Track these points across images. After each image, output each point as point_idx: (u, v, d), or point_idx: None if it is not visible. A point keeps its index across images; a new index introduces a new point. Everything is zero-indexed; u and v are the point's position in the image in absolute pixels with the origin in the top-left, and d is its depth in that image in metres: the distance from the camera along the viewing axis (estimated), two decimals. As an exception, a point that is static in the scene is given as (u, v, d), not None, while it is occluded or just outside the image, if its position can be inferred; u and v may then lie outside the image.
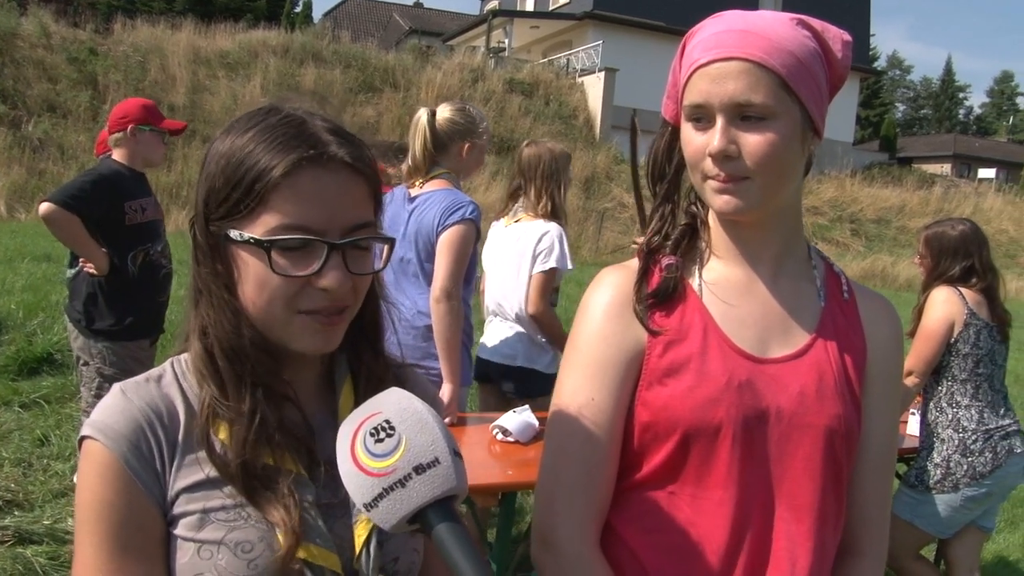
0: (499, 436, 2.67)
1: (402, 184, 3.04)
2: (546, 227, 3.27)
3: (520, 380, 3.30)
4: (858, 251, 20.61)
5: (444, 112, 2.93)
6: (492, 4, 33.34)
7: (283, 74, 18.27)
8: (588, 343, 1.15)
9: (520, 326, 3.33)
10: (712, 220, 1.17)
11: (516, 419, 2.67)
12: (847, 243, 21.35)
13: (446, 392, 2.76)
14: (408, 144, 2.99)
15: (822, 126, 1.09)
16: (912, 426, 3.28)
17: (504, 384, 3.35)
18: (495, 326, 3.43)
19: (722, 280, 1.15)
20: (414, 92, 19.30)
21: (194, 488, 0.89)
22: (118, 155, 3.54)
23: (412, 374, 1.12)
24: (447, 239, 2.78)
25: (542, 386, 3.20)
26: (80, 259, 3.49)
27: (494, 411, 3.05)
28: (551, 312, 3.29)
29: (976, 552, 3.16)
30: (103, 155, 3.76)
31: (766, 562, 1.09)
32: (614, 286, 1.16)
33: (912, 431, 3.26)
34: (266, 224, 0.87)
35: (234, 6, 28.77)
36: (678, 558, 1.10)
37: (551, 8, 29.56)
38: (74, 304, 3.52)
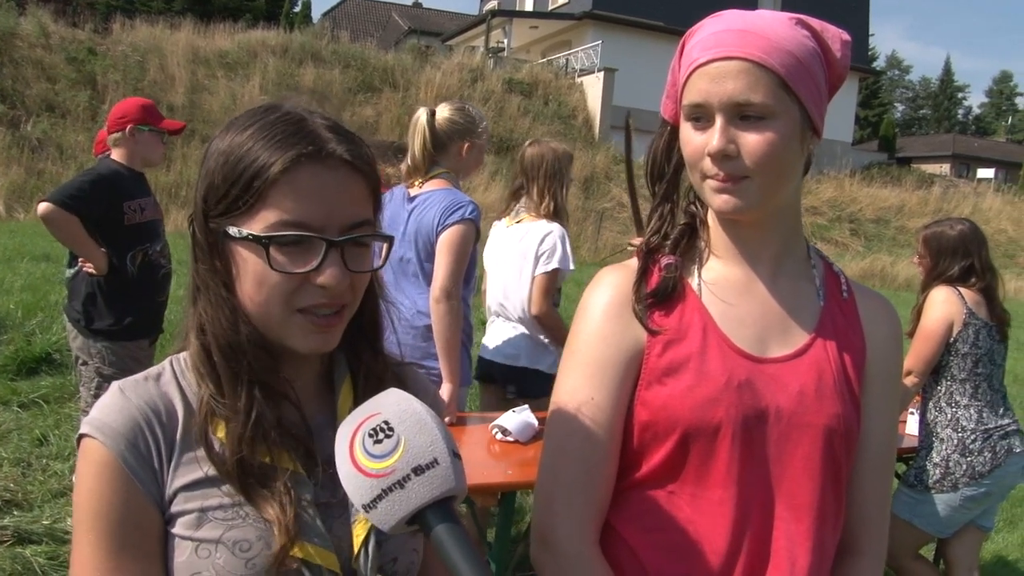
0: (498, 436, 2.67)
1: (401, 184, 3.04)
2: (549, 228, 3.27)
3: (523, 380, 3.30)
4: (857, 251, 20.61)
5: (443, 112, 2.93)
6: (491, 4, 33.32)
7: (282, 74, 18.26)
8: (587, 343, 1.15)
9: (523, 326, 3.32)
10: (711, 220, 1.17)
11: (515, 419, 2.67)
12: (846, 243, 21.35)
13: (445, 392, 2.76)
14: (407, 144, 2.99)
15: (821, 125, 1.09)
16: (911, 426, 3.28)
17: (508, 385, 3.35)
18: (497, 326, 3.43)
19: (721, 280, 1.15)
20: (413, 92, 19.29)
21: (192, 487, 0.89)
22: (117, 155, 3.54)
23: (412, 373, 1.12)
24: (447, 239, 2.78)
25: (545, 386, 3.19)
26: (79, 259, 3.49)
27: (495, 411, 3.05)
28: (554, 312, 3.29)
29: (975, 551, 3.16)
30: (102, 155, 3.76)
31: (766, 561, 1.09)
32: (613, 286, 1.16)
33: (911, 431, 3.26)
34: (265, 221, 0.87)
35: (233, 6, 28.74)
36: (678, 557, 1.10)
37: (550, 8, 29.54)
38: (73, 304, 3.51)
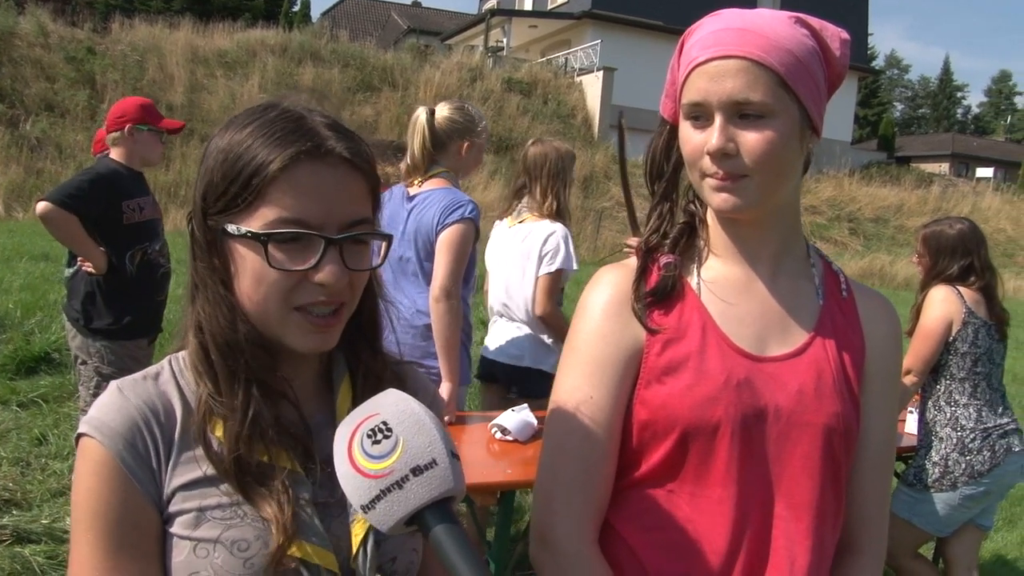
0: (498, 435, 2.66)
1: (400, 183, 3.04)
2: (552, 228, 3.27)
3: (527, 380, 3.29)
4: (856, 250, 20.61)
5: (443, 111, 2.93)
6: (490, 3, 33.32)
7: (281, 73, 18.26)
8: (587, 341, 1.15)
9: (527, 327, 3.32)
10: (710, 218, 1.17)
11: (515, 418, 2.67)
12: (845, 242, 21.36)
13: (445, 391, 2.76)
14: (406, 143, 2.99)
15: (820, 124, 1.09)
16: (910, 425, 3.28)
17: (511, 386, 3.33)
18: (500, 326, 3.42)
19: (720, 279, 1.15)
20: (412, 91, 19.28)
21: (190, 486, 0.89)
22: (116, 154, 3.54)
23: (411, 371, 1.12)
24: (446, 238, 2.78)
25: (548, 387, 3.18)
26: (78, 258, 3.49)
27: (497, 411, 3.04)
28: (558, 313, 3.29)
29: (974, 550, 3.16)
30: (100, 154, 3.76)
31: (765, 560, 1.09)
32: (612, 284, 1.16)
33: (910, 429, 3.26)
34: (263, 218, 0.87)
35: (232, 5, 28.74)
36: (677, 556, 1.10)
37: (549, 7, 29.52)
38: (72, 303, 3.51)
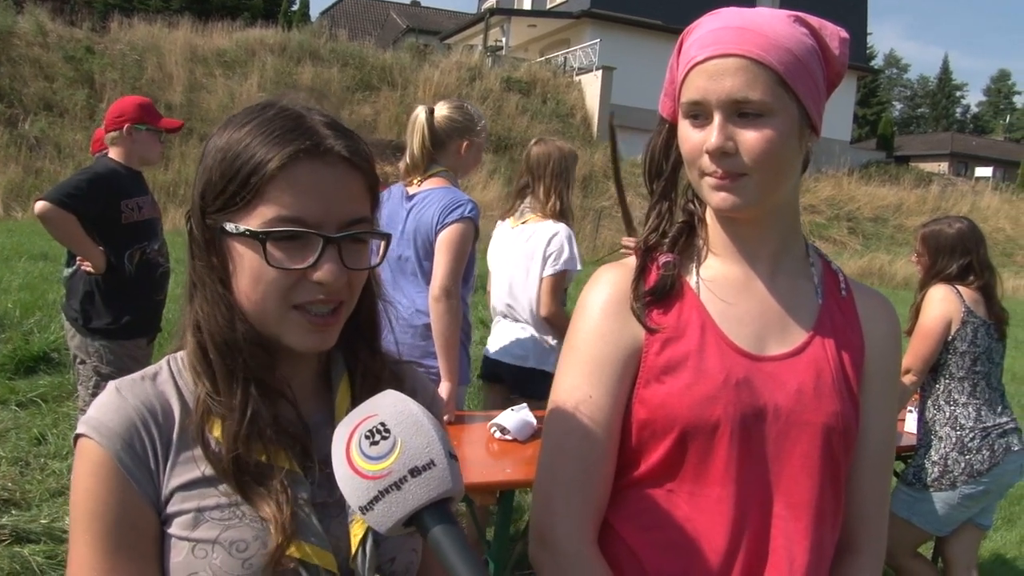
0: (497, 434, 2.66)
1: (399, 182, 3.03)
2: (555, 228, 3.26)
3: (530, 381, 3.28)
4: (855, 249, 20.62)
5: (442, 110, 2.92)
6: (489, 3, 33.32)
7: (280, 72, 18.25)
8: (586, 341, 1.15)
9: (531, 327, 3.31)
10: (709, 217, 1.17)
11: (514, 417, 2.67)
12: (844, 241, 21.36)
13: (444, 390, 2.76)
14: (405, 142, 2.99)
15: (819, 123, 1.09)
16: (910, 424, 3.28)
17: (515, 387, 3.32)
18: (504, 327, 3.42)
19: (720, 278, 1.15)
20: (411, 91, 19.28)
21: (189, 486, 0.89)
22: (114, 153, 3.53)
23: (411, 371, 1.11)
24: (446, 237, 2.78)
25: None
26: (77, 258, 3.49)
27: (499, 411, 3.04)
28: (563, 313, 3.28)
29: (974, 550, 3.16)
30: (99, 153, 3.75)
31: (764, 560, 1.09)
32: (612, 284, 1.16)
33: (910, 429, 3.26)
34: (262, 216, 0.87)
35: (231, 4, 28.72)
36: (676, 556, 1.09)
37: (548, 7, 29.52)
38: (71, 303, 3.51)
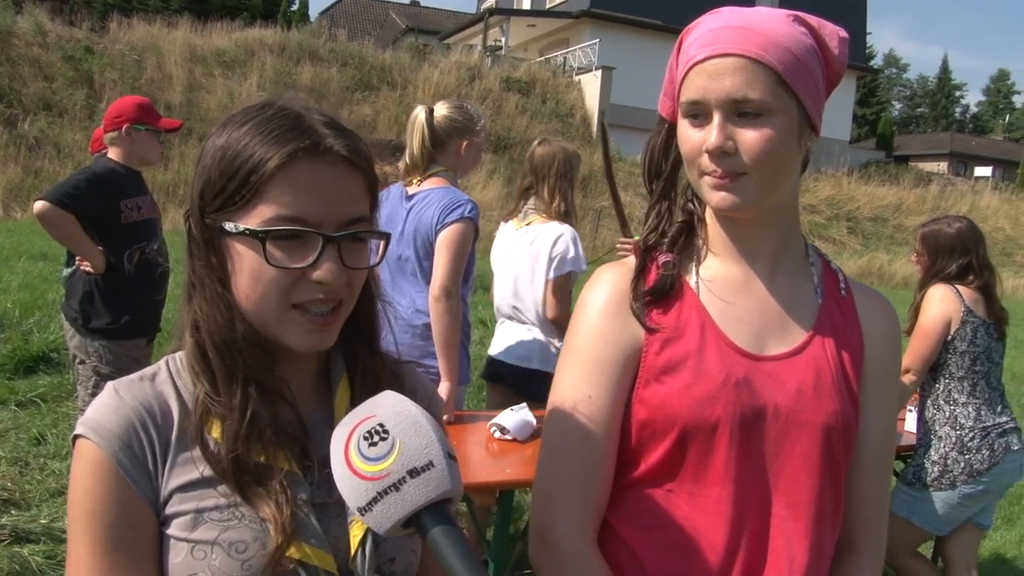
0: (497, 434, 2.66)
1: (398, 182, 3.03)
2: (560, 229, 3.26)
3: (534, 382, 3.27)
4: (855, 249, 20.62)
5: (442, 110, 2.92)
6: (489, 2, 33.31)
7: (279, 72, 18.24)
8: (585, 340, 1.15)
9: (537, 329, 3.31)
10: (709, 217, 1.17)
11: (514, 417, 2.67)
12: (844, 241, 21.37)
13: (444, 390, 2.75)
14: (405, 142, 2.98)
15: (819, 122, 1.09)
16: (909, 423, 3.28)
17: (518, 387, 3.30)
18: (508, 328, 3.41)
19: (719, 277, 1.15)
20: (411, 90, 19.27)
21: (187, 487, 0.88)
22: (113, 153, 3.53)
23: (410, 371, 1.11)
24: (446, 237, 2.77)
25: None
26: (76, 258, 3.48)
27: (500, 410, 3.03)
28: (570, 315, 3.26)
29: (973, 549, 3.16)
30: (98, 153, 3.75)
31: (764, 559, 1.09)
32: (611, 283, 1.16)
33: (909, 428, 3.26)
34: (261, 215, 0.87)
35: (230, 4, 28.72)
36: (676, 556, 1.09)
37: (548, 6, 29.51)
38: (70, 303, 3.51)
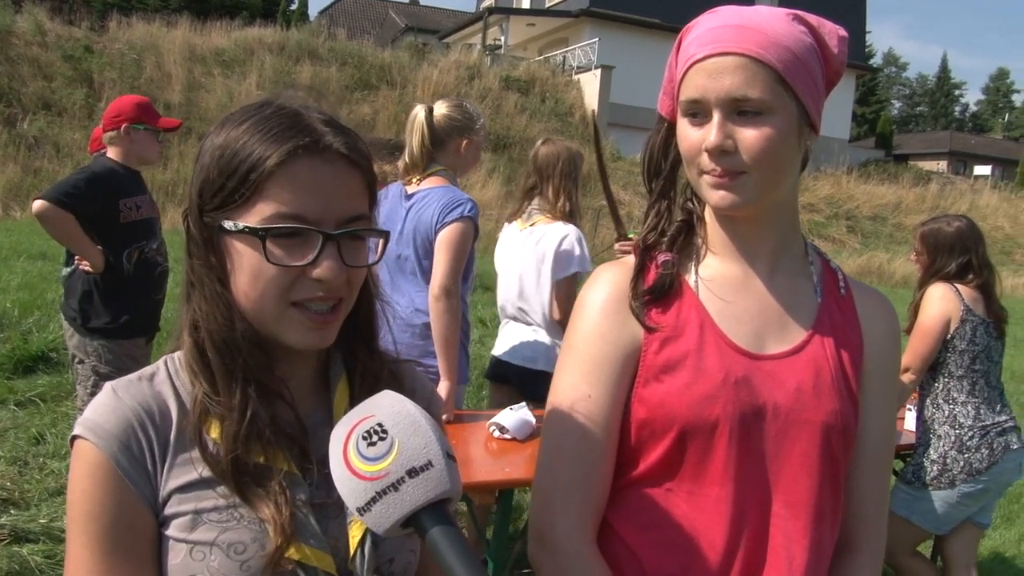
0: (496, 433, 2.66)
1: (397, 181, 3.03)
2: (565, 230, 3.25)
3: (538, 383, 3.26)
4: (854, 248, 20.61)
5: (441, 109, 2.92)
6: (488, 2, 33.28)
7: (279, 72, 18.21)
8: (585, 340, 1.15)
9: (543, 330, 3.30)
10: (708, 216, 1.17)
11: (513, 416, 2.67)
12: (843, 240, 21.36)
13: (443, 389, 2.75)
14: (404, 141, 2.98)
15: (818, 121, 1.08)
16: (909, 422, 3.28)
17: (523, 388, 3.28)
18: (512, 329, 3.40)
19: (718, 276, 1.15)
20: (410, 90, 19.25)
21: (186, 488, 0.88)
22: (112, 153, 3.53)
23: (409, 370, 1.11)
24: (446, 236, 2.77)
25: None
26: (76, 257, 3.48)
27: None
28: None
29: (973, 548, 3.16)
30: (97, 152, 3.75)
31: (763, 559, 1.09)
32: (610, 283, 1.16)
33: (909, 427, 3.27)
34: (261, 213, 0.86)
35: (229, 3, 28.69)
36: (675, 555, 1.09)
37: (547, 5, 29.50)
38: (70, 302, 3.50)
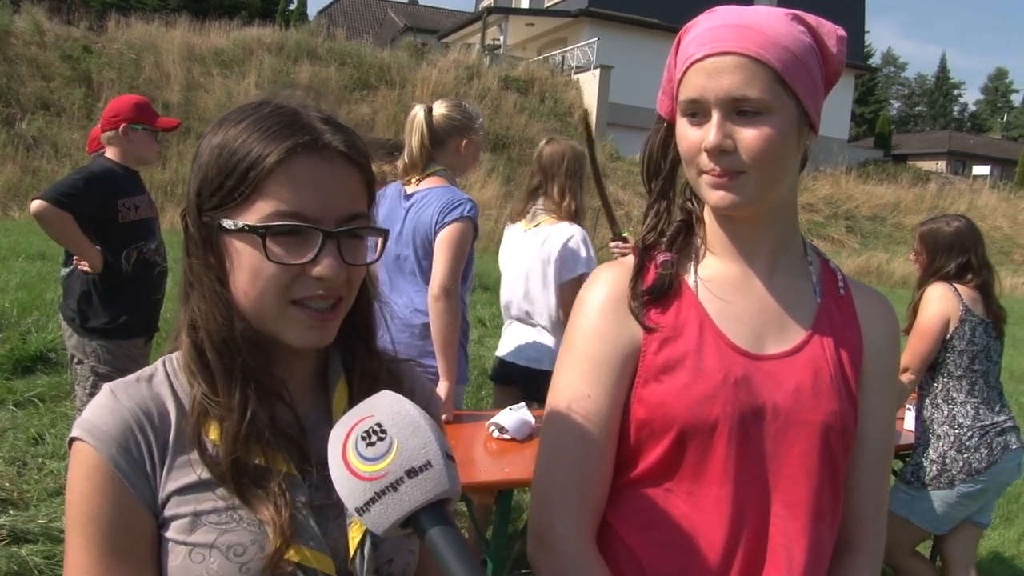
0: (496, 434, 2.66)
1: (396, 181, 3.03)
2: (571, 231, 3.24)
3: (543, 383, 3.24)
4: (853, 248, 20.63)
5: (440, 108, 2.92)
6: (487, 1, 33.28)
7: (278, 71, 18.21)
8: (584, 340, 1.15)
9: (549, 331, 3.29)
10: (708, 216, 1.17)
11: (513, 416, 2.67)
12: (842, 240, 21.37)
13: (442, 389, 2.75)
14: (403, 141, 2.98)
15: (818, 121, 1.08)
16: (908, 422, 3.28)
17: (527, 388, 3.27)
18: (517, 330, 3.40)
19: (718, 276, 1.15)
20: (409, 89, 19.24)
21: (185, 490, 0.88)
22: (111, 153, 3.53)
23: (408, 370, 1.11)
24: (445, 236, 2.77)
25: None
26: (74, 257, 3.48)
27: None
28: None
29: (972, 548, 3.16)
30: (96, 152, 3.75)
31: (763, 559, 1.09)
32: (610, 283, 1.16)
33: (908, 427, 3.27)
34: (260, 211, 0.86)
35: (228, 3, 28.69)
36: (674, 555, 1.09)
37: (546, 5, 29.50)
38: (68, 302, 3.50)
